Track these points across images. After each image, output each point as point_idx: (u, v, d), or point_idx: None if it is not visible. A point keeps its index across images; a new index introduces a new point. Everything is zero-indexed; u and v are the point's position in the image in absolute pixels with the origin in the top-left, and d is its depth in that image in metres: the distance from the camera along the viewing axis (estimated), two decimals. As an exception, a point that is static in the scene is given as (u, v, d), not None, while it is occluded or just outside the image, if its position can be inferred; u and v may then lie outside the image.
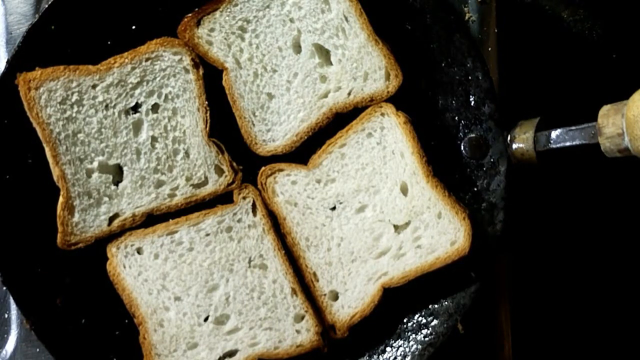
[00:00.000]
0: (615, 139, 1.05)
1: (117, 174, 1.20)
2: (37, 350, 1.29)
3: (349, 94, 1.19)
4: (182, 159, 1.20)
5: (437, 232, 1.16)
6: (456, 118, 1.20)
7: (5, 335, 1.31)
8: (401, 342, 1.19)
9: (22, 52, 1.19)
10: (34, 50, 1.20)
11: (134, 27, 1.22)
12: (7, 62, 1.20)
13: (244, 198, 1.21)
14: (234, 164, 1.21)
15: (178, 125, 1.20)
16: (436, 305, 1.19)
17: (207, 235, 1.20)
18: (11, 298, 1.25)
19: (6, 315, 1.31)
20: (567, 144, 1.12)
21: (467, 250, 1.14)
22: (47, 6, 1.20)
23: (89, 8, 1.21)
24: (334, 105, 1.19)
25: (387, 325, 1.20)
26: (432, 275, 1.16)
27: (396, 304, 1.19)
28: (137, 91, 1.20)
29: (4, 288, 1.23)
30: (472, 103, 1.19)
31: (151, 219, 1.21)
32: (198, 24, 1.20)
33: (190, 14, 1.20)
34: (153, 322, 1.19)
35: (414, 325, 1.19)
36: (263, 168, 1.20)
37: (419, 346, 1.18)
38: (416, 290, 1.18)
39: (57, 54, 1.20)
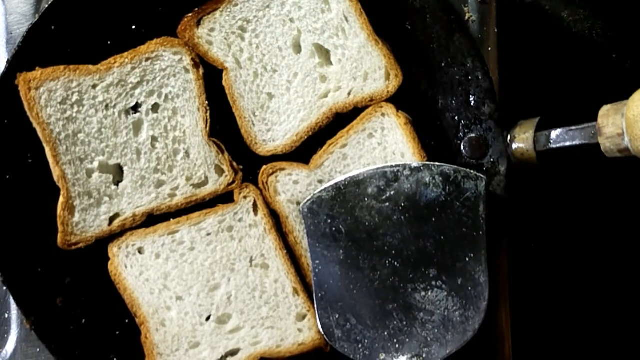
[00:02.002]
0: (615, 139, 1.05)
1: (118, 174, 1.20)
2: (37, 350, 1.29)
3: (349, 93, 1.19)
4: (182, 158, 1.20)
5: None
6: (456, 118, 1.20)
7: (5, 335, 1.31)
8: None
9: (22, 52, 1.19)
10: (34, 50, 1.19)
11: (134, 27, 1.22)
12: (7, 62, 1.19)
13: (245, 197, 1.21)
14: (234, 164, 1.21)
15: (178, 125, 1.20)
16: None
17: (208, 234, 1.20)
18: (11, 298, 1.24)
19: (6, 315, 1.31)
20: (567, 144, 1.12)
21: None
22: (47, 6, 1.19)
23: (89, 8, 1.20)
24: (334, 105, 1.19)
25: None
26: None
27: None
28: (137, 91, 1.20)
29: (4, 288, 1.22)
30: (472, 103, 1.19)
31: (151, 219, 1.21)
32: (198, 24, 1.20)
33: (190, 14, 1.20)
34: (155, 322, 1.19)
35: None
36: (264, 167, 1.20)
37: (420, 346, 1.18)
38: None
39: (57, 54, 1.20)
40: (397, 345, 1.14)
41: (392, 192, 1.14)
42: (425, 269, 1.14)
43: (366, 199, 1.14)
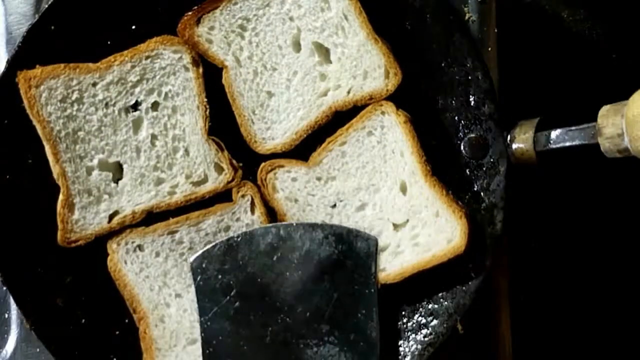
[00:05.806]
0: (615, 139, 1.05)
1: (117, 171, 1.21)
2: (37, 350, 1.29)
3: (349, 92, 1.19)
4: (182, 156, 1.20)
5: (435, 231, 1.16)
6: (456, 118, 1.20)
7: (5, 335, 1.31)
8: (401, 342, 1.19)
9: (22, 52, 1.19)
10: (34, 50, 1.19)
11: (134, 27, 1.22)
12: (7, 62, 1.19)
13: (243, 196, 1.21)
14: (234, 162, 1.21)
15: (178, 124, 1.20)
16: (436, 305, 1.18)
17: (207, 234, 1.20)
18: (11, 298, 1.24)
19: (6, 315, 1.31)
20: (567, 144, 1.12)
21: (462, 248, 1.14)
22: (47, 6, 1.19)
23: (89, 8, 1.21)
24: (334, 104, 1.19)
25: (386, 325, 1.20)
26: (431, 275, 1.16)
27: (395, 304, 1.19)
28: (137, 89, 1.20)
29: (4, 288, 1.22)
30: (472, 103, 1.19)
31: (151, 217, 1.21)
32: (198, 22, 1.20)
33: (190, 13, 1.20)
34: (154, 318, 1.19)
35: (414, 325, 1.19)
36: (263, 164, 1.20)
37: (419, 346, 1.18)
38: (416, 290, 1.18)
39: (57, 53, 1.20)
40: None
41: (284, 250, 1.15)
42: (318, 325, 1.15)
43: (258, 256, 1.16)
